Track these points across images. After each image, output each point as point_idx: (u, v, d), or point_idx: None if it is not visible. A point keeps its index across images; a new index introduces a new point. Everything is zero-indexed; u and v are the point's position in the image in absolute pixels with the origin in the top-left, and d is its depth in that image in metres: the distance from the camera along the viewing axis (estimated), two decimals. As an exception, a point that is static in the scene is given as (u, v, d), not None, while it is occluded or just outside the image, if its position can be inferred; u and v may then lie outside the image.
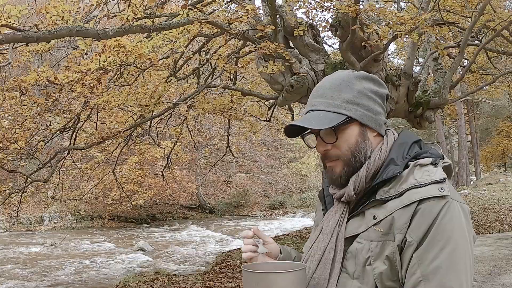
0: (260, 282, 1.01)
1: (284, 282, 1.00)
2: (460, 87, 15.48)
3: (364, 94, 1.12)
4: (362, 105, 1.11)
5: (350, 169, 1.11)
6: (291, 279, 1.01)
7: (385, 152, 1.10)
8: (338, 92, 1.12)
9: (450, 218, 0.99)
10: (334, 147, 1.12)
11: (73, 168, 9.46)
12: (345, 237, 1.10)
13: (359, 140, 1.10)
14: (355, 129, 1.11)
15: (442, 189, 1.00)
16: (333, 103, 1.11)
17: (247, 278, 1.04)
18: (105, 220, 20.04)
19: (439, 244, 0.97)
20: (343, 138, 1.10)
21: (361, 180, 1.09)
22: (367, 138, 1.12)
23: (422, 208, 0.99)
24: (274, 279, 1.00)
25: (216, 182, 26.85)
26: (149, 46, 5.04)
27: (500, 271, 6.38)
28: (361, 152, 1.10)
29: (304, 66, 5.95)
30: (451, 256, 0.97)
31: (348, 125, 1.10)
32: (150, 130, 8.67)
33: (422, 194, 1.00)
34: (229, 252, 10.51)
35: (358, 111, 1.10)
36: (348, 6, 4.59)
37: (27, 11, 4.04)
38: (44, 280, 9.63)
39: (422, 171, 1.04)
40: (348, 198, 1.12)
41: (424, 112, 6.73)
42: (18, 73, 9.94)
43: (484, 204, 12.22)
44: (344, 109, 1.10)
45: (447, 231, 0.98)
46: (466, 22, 8.50)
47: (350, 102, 1.10)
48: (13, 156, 6.96)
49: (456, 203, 1.01)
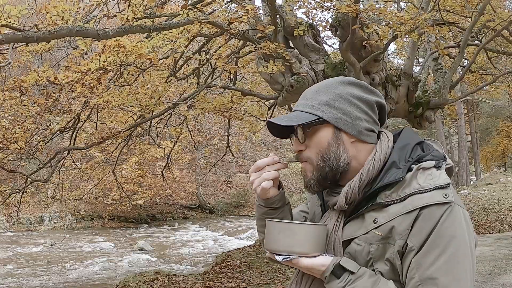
0: (282, 232, 1.04)
1: (305, 233, 1.03)
2: (460, 87, 15.48)
3: (344, 98, 1.09)
4: (337, 108, 1.08)
5: (319, 174, 1.08)
6: (311, 231, 1.04)
7: (379, 161, 1.06)
8: (317, 95, 1.11)
9: (451, 223, 0.97)
10: (307, 148, 1.10)
11: (73, 168, 9.48)
12: (343, 240, 1.08)
13: (331, 143, 1.07)
14: (328, 132, 1.08)
15: (446, 195, 0.98)
16: (309, 104, 1.10)
17: (270, 227, 1.06)
18: (105, 220, 20.07)
19: (439, 248, 0.96)
20: (315, 140, 1.09)
21: (353, 191, 1.06)
22: (341, 143, 1.08)
23: (424, 213, 0.98)
24: (296, 229, 1.03)
25: (216, 182, 26.87)
26: (149, 46, 5.04)
27: (500, 271, 6.38)
28: (332, 157, 1.07)
29: (304, 66, 5.95)
30: (450, 260, 0.96)
31: (320, 126, 1.08)
32: (150, 130, 8.68)
33: (426, 201, 0.98)
34: (229, 252, 10.51)
35: (331, 113, 1.08)
36: (348, 6, 4.59)
37: (27, 11, 4.04)
38: (44, 280, 9.63)
39: (425, 175, 1.02)
40: (340, 208, 1.09)
41: (424, 112, 6.73)
42: (18, 73, 9.94)
43: (484, 204, 12.21)
44: (318, 110, 1.08)
45: (447, 236, 0.96)
46: (466, 22, 8.50)
47: (325, 104, 1.08)
48: (13, 156, 6.97)
49: (458, 207, 1.00)
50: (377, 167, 1.06)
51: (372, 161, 1.06)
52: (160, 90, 6.36)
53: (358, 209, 1.08)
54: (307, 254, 1.03)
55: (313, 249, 1.03)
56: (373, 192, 1.05)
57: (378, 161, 1.06)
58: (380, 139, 1.11)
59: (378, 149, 1.08)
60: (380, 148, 1.08)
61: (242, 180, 27.22)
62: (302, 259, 1.02)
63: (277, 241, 1.04)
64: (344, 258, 1.03)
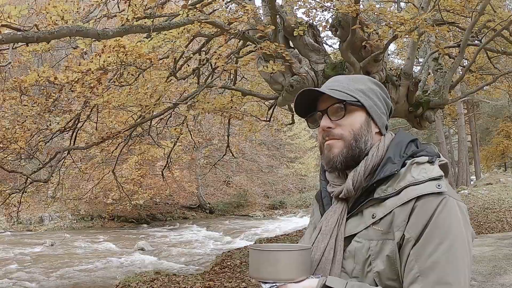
0: (266, 260, 1.04)
1: (288, 260, 1.03)
2: (460, 87, 15.47)
3: (374, 92, 1.19)
4: (371, 98, 1.17)
5: (349, 152, 1.13)
6: (295, 257, 1.04)
7: (382, 150, 1.13)
8: (353, 82, 1.19)
9: (447, 214, 1.00)
10: (338, 127, 1.14)
11: (73, 168, 9.47)
12: (344, 237, 1.10)
13: (363, 127, 1.14)
14: (362, 116, 1.15)
15: (440, 186, 1.02)
16: (347, 87, 1.17)
17: (253, 256, 1.06)
18: (105, 220, 20.05)
19: (436, 240, 0.98)
20: (349, 120, 1.14)
21: (359, 175, 1.11)
22: (370, 129, 1.16)
23: (420, 204, 1.01)
24: (279, 257, 1.03)
25: (216, 182, 26.86)
26: (149, 46, 5.04)
27: (500, 271, 6.38)
28: (362, 139, 1.13)
29: (304, 66, 5.95)
30: (448, 251, 0.98)
31: (357, 109, 1.15)
32: (150, 130, 8.67)
33: (420, 191, 1.02)
34: (229, 252, 10.50)
35: (367, 100, 1.16)
36: (348, 6, 4.59)
37: (27, 11, 4.04)
38: (44, 280, 9.63)
39: (419, 169, 1.06)
40: (347, 194, 1.12)
41: (424, 112, 6.72)
42: (18, 73, 9.94)
43: (484, 204, 12.21)
44: (357, 94, 1.16)
45: (444, 227, 0.99)
46: (466, 22, 8.50)
47: (362, 92, 1.17)
48: (13, 156, 6.97)
49: (453, 200, 1.02)
50: (380, 154, 1.12)
51: (376, 149, 1.13)
52: (160, 90, 6.36)
53: (357, 206, 1.11)
54: (293, 279, 1.03)
55: (298, 274, 1.03)
56: (371, 188, 1.09)
57: (382, 150, 1.13)
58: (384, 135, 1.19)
59: (383, 140, 1.16)
60: (384, 140, 1.16)
61: (242, 180, 27.22)
62: (289, 285, 1.03)
63: (262, 269, 1.04)
64: (329, 278, 1.05)
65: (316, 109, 1.20)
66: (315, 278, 1.05)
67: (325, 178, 1.23)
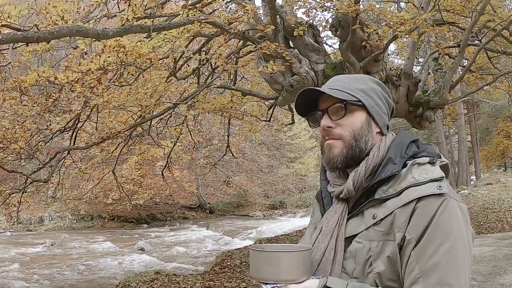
0: (267, 260, 1.04)
1: (289, 260, 1.03)
2: (460, 87, 15.47)
3: (376, 92, 1.18)
4: (372, 98, 1.17)
5: (349, 152, 1.12)
6: (296, 257, 1.04)
7: (383, 150, 1.12)
8: (354, 82, 1.18)
9: (448, 216, 1.00)
10: (338, 126, 1.14)
11: (73, 168, 9.47)
12: (345, 237, 1.10)
13: (363, 126, 1.14)
14: (363, 116, 1.15)
15: (441, 187, 1.01)
16: (348, 87, 1.16)
17: (254, 256, 1.06)
18: (105, 220, 20.05)
19: (437, 241, 0.98)
20: (349, 120, 1.14)
21: (360, 176, 1.10)
22: (371, 129, 1.15)
23: (421, 205, 1.01)
24: (280, 257, 1.03)
25: (216, 182, 26.85)
26: (149, 46, 5.04)
27: (500, 271, 6.38)
28: (363, 139, 1.13)
29: (304, 66, 5.95)
30: (449, 252, 0.98)
31: (358, 108, 1.15)
32: (150, 130, 8.67)
33: (421, 192, 1.01)
34: (229, 252, 10.50)
35: (368, 100, 1.16)
36: (348, 6, 4.59)
37: (27, 11, 4.04)
38: (44, 280, 9.63)
39: (420, 170, 1.06)
40: (347, 194, 1.12)
41: (424, 112, 6.72)
42: (18, 73, 9.93)
43: (484, 204, 12.21)
44: (358, 94, 1.15)
45: (445, 228, 0.99)
46: (466, 22, 8.49)
47: (363, 91, 1.16)
48: (13, 156, 6.97)
49: (454, 201, 1.02)
50: (381, 154, 1.11)
51: (377, 149, 1.13)
52: (160, 90, 6.36)
53: (358, 207, 1.11)
54: (294, 280, 1.03)
55: (299, 274, 1.03)
56: (371, 188, 1.09)
57: (383, 150, 1.12)
58: (385, 135, 1.18)
59: (384, 141, 1.15)
60: (385, 140, 1.15)
61: (242, 180, 27.22)
62: (289, 286, 1.03)
63: (263, 270, 1.04)
64: (330, 279, 1.05)
65: (316, 108, 1.19)
66: (315, 279, 1.05)
67: (326, 178, 1.23)
